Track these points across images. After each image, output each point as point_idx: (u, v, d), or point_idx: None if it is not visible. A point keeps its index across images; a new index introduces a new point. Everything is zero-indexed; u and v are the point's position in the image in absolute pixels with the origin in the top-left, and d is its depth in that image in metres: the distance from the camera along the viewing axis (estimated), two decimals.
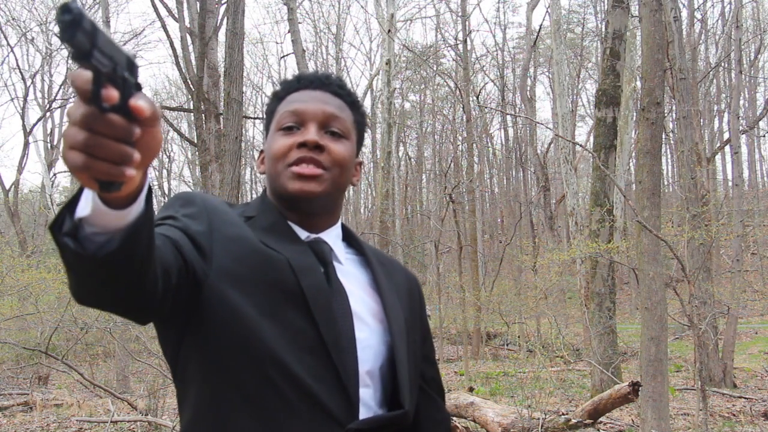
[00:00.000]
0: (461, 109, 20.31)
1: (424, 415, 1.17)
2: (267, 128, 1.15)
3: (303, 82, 1.14)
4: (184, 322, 0.97)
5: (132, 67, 0.63)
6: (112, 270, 0.73)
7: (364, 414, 1.01)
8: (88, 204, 0.69)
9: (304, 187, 1.05)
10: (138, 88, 0.63)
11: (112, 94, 0.59)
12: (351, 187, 1.18)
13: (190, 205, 1.02)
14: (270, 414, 0.95)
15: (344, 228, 1.18)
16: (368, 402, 1.03)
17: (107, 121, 0.59)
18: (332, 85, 1.14)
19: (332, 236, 1.12)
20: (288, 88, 1.14)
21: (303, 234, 1.09)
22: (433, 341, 1.27)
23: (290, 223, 1.09)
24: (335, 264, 1.09)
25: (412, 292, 1.21)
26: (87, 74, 0.58)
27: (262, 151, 1.16)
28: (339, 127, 1.10)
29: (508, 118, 27.22)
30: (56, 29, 0.60)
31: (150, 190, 0.73)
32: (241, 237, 1.01)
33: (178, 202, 1.04)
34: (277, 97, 1.15)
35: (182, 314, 0.96)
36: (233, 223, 1.03)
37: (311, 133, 1.06)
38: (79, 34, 0.55)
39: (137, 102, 0.60)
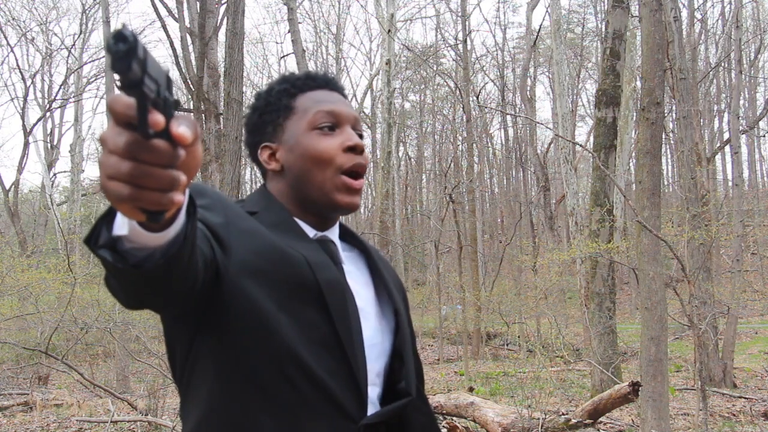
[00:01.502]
0: (461, 109, 20.32)
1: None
2: (276, 123, 1.11)
3: (319, 81, 1.12)
4: (199, 318, 0.96)
5: (170, 84, 0.58)
6: (156, 281, 0.72)
7: (369, 411, 1.02)
8: (125, 223, 0.65)
9: (351, 201, 1.06)
10: (176, 106, 0.58)
11: (159, 119, 0.54)
12: None
13: (203, 195, 0.99)
14: (286, 410, 0.95)
15: (339, 223, 1.17)
16: (373, 399, 1.04)
17: (154, 149, 0.54)
18: (340, 87, 1.14)
19: (335, 235, 1.12)
20: (302, 85, 1.11)
21: (311, 232, 1.08)
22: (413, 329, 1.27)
23: (298, 220, 1.08)
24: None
25: (397, 282, 1.21)
26: (128, 99, 0.53)
27: (266, 146, 1.12)
28: (360, 129, 1.12)
29: (508, 118, 27.24)
30: (109, 59, 0.54)
31: (193, 203, 0.70)
32: (256, 230, 0.99)
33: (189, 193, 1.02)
34: (290, 93, 1.11)
35: (200, 309, 0.94)
36: (245, 216, 1.01)
37: (356, 137, 1.07)
38: (134, 64, 0.51)
39: (179, 129, 0.56)
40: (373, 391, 1.04)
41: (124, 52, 0.50)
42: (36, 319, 9.97)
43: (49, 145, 22.62)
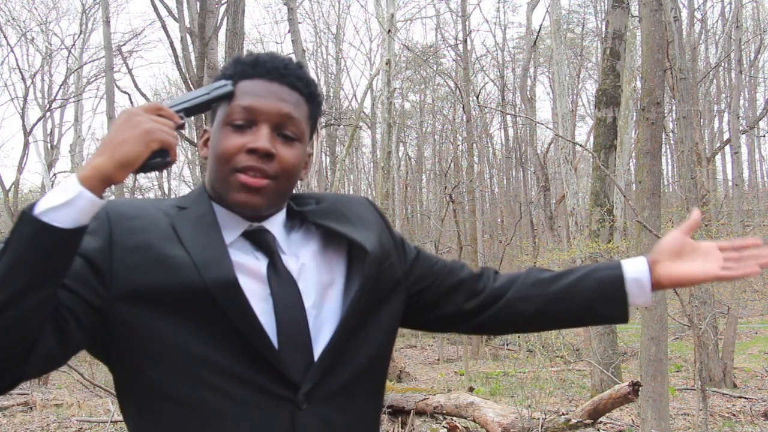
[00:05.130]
0: (461, 109, 20.32)
1: (496, 294, 1.17)
2: (215, 109, 1.07)
3: (259, 69, 1.04)
4: (103, 350, 0.98)
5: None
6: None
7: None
8: (72, 196, 0.84)
9: (248, 200, 1.00)
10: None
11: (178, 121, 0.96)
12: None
13: (95, 217, 0.93)
14: (213, 411, 0.94)
15: (291, 197, 1.12)
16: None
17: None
18: (290, 76, 1.05)
19: (276, 223, 1.07)
20: (242, 72, 1.05)
21: (244, 224, 1.05)
22: (421, 249, 1.22)
23: (229, 212, 1.04)
24: (281, 254, 1.05)
25: (372, 213, 1.16)
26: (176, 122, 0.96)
27: (206, 131, 1.09)
28: (293, 129, 1.03)
29: (508, 118, 27.23)
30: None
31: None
32: (143, 245, 0.96)
33: None
34: (230, 79, 1.05)
35: (98, 343, 0.96)
36: (140, 229, 0.98)
37: (263, 139, 1.00)
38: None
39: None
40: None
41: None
42: None
43: (49, 145, 22.61)
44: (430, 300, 1.18)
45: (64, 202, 0.83)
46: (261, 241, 1.04)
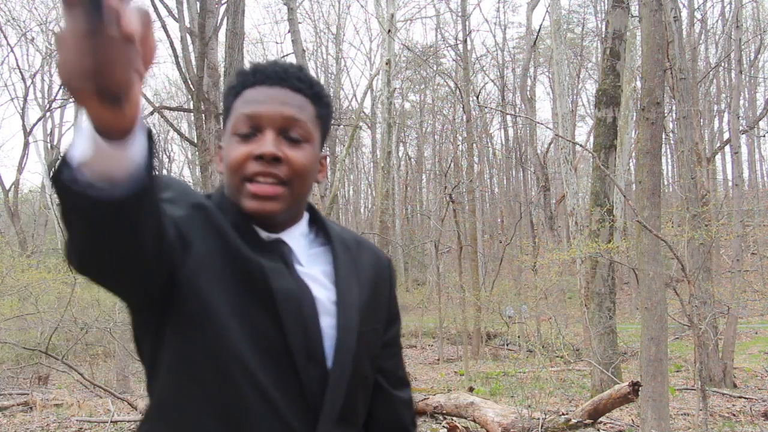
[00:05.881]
0: (461, 109, 20.32)
1: (377, 415, 1.15)
2: (224, 124, 1.08)
3: (259, 76, 1.04)
4: (161, 310, 0.95)
5: None
6: (117, 223, 0.73)
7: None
8: (88, 145, 0.69)
9: (261, 207, 0.99)
10: None
11: (114, 3, 0.59)
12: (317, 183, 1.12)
13: (168, 188, 0.97)
14: (229, 414, 0.94)
15: (313, 213, 1.12)
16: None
17: (111, 31, 0.59)
18: (291, 79, 1.04)
19: (295, 235, 1.07)
20: (244, 82, 1.05)
21: (262, 234, 1.04)
22: (400, 326, 1.22)
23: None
24: (296, 266, 1.05)
25: (380, 274, 1.16)
26: None
27: (220, 147, 1.09)
28: (299, 131, 1.02)
29: (508, 118, 27.24)
30: None
31: (150, 133, 0.73)
32: (218, 230, 0.97)
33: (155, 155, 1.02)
34: (233, 92, 1.06)
35: (158, 299, 0.94)
36: (210, 213, 0.99)
37: (268, 144, 0.99)
38: None
39: (129, 25, 0.61)
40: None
41: None
42: (36, 319, 9.98)
43: (49, 145, 22.64)
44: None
45: None
46: (278, 253, 1.03)
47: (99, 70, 0.60)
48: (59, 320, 8.94)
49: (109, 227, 0.74)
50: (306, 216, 1.11)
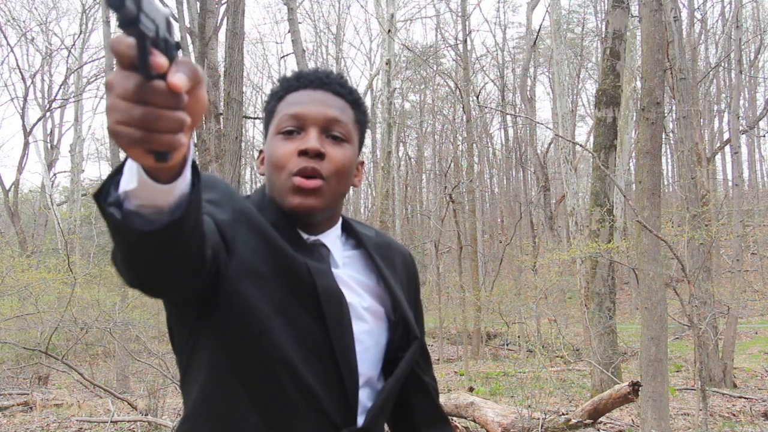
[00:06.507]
0: (461, 109, 20.31)
1: (413, 400, 1.22)
2: (266, 128, 1.12)
3: (303, 81, 1.09)
4: (202, 307, 0.97)
5: (170, 26, 0.60)
6: (162, 245, 0.73)
7: (363, 413, 1.04)
8: (133, 177, 0.68)
9: (304, 202, 1.02)
10: (178, 48, 0.60)
11: (161, 61, 0.56)
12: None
13: (213, 189, 1.00)
14: (271, 410, 0.97)
15: (343, 219, 1.16)
16: (365, 403, 1.06)
17: (159, 91, 0.57)
18: (333, 84, 1.10)
19: (331, 237, 1.11)
20: (288, 87, 1.10)
21: (303, 236, 1.08)
22: (422, 318, 1.27)
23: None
24: (332, 268, 1.08)
25: (409, 272, 1.22)
26: (129, 40, 0.55)
27: (261, 151, 1.13)
28: (340, 131, 1.07)
29: (508, 118, 27.23)
30: None
31: (195, 165, 0.73)
32: (262, 231, 1.00)
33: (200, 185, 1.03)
34: (277, 96, 1.11)
35: (201, 300, 0.96)
36: (253, 214, 1.02)
37: (312, 140, 1.03)
38: (129, 1, 0.52)
39: (175, 77, 0.58)
40: (364, 393, 1.06)
41: None
42: (36, 319, 9.96)
43: (49, 145, 22.61)
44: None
45: None
46: (320, 254, 1.07)
47: (147, 139, 0.59)
48: (59, 320, 8.93)
49: (155, 253, 0.75)
50: (340, 220, 1.15)
